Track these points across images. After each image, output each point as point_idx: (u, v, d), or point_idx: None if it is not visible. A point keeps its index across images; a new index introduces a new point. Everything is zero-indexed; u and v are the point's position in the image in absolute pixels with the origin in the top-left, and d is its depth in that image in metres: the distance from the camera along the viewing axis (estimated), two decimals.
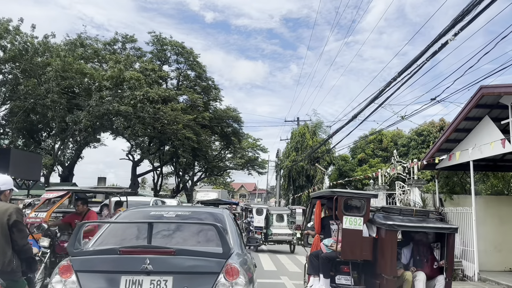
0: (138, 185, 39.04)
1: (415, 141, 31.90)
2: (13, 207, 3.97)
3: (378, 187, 15.87)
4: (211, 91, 38.41)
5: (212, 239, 4.16)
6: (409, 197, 12.60)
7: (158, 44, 36.35)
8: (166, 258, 3.66)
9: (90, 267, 3.72)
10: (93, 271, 3.71)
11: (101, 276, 3.68)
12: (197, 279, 3.69)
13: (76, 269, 3.65)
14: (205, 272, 3.70)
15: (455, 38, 8.06)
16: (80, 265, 3.69)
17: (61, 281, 3.66)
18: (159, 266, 3.62)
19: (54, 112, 26.92)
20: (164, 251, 3.71)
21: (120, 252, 3.66)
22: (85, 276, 3.65)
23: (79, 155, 34.12)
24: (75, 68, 25.86)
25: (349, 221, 6.39)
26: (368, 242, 6.38)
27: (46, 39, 28.56)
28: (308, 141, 32.78)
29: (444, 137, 10.76)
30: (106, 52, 32.08)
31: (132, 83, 26.77)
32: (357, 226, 6.37)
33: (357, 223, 6.37)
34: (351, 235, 6.34)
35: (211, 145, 44.83)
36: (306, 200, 31.24)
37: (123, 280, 3.62)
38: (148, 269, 3.58)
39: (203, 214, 5.08)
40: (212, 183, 66.17)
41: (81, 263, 3.71)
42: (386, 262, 6.01)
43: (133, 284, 3.61)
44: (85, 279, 3.64)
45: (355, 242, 6.33)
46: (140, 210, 5.43)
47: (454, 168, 11.95)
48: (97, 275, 3.69)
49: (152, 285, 3.61)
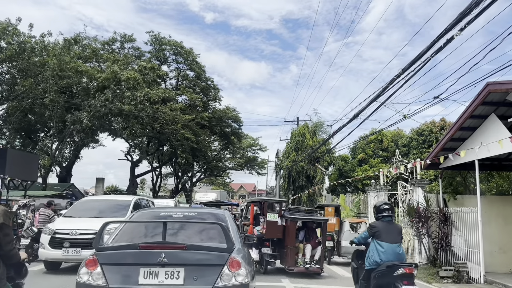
0: (137, 186, 38.78)
1: (415, 141, 31.68)
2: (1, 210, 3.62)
3: (380, 187, 15.60)
4: (210, 91, 38.17)
5: (216, 236, 4.72)
6: (412, 197, 12.34)
7: (156, 44, 36.09)
8: (178, 253, 4.21)
9: (113, 260, 4.26)
10: (116, 264, 4.24)
11: (123, 268, 4.23)
12: (205, 270, 4.25)
13: (101, 262, 4.19)
14: (212, 264, 4.26)
15: (461, 33, 7.81)
16: (104, 258, 4.23)
17: (88, 273, 4.18)
18: (172, 259, 4.17)
19: (51, 112, 26.66)
20: (177, 246, 4.26)
21: (139, 247, 4.20)
22: (109, 268, 4.18)
23: (77, 156, 33.83)
24: (71, 66, 25.54)
25: (270, 216, 10.71)
26: (280, 228, 10.87)
27: (42, 38, 28.34)
28: (308, 141, 32.47)
29: (448, 135, 10.49)
30: (105, 52, 31.81)
31: (131, 83, 26.46)
32: (275, 219, 10.78)
33: (275, 217, 10.82)
34: (271, 224, 10.71)
35: (210, 145, 44.57)
36: (306, 201, 30.98)
37: (142, 271, 4.16)
38: (163, 261, 4.13)
39: (206, 215, 5.79)
40: (212, 183, 65.92)
41: (105, 257, 4.25)
42: (289, 239, 10.62)
43: (151, 275, 4.15)
44: (109, 271, 4.16)
45: (273, 228, 10.70)
46: (150, 211, 6.26)
47: (458, 168, 11.69)
48: (119, 267, 4.23)
49: (166, 276, 4.17)
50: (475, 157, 9.55)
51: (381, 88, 10.30)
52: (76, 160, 34.61)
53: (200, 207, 15.39)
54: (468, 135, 10.22)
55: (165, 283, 4.15)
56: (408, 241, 12.99)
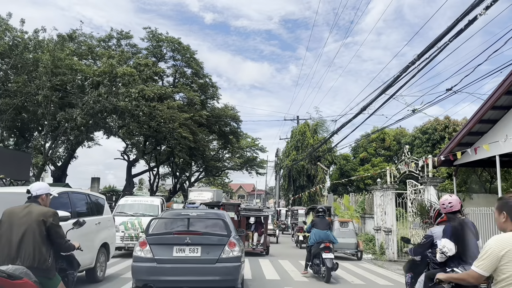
0: (133, 186, 37.89)
1: (419, 139, 30.85)
2: (50, 212, 4.39)
3: (387, 186, 14.79)
4: (208, 89, 37.30)
5: (219, 227, 7.21)
6: (423, 196, 11.52)
7: (153, 40, 35.23)
8: (197, 237, 6.75)
9: (157, 242, 6.76)
10: (158, 244, 6.73)
11: (163, 246, 6.73)
12: (213, 247, 6.75)
13: (149, 243, 6.70)
14: (218, 244, 6.79)
15: (486, 12, 7.00)
16: (151, 241, 6.75)
17: (141, 250, 6.67)
18: (193, 241, 6.69)
19: (45, 109, 25.81)
20: (196, 233, 6.83)
21: (173, 233, 6.83)
22: (154, 246, 6.67)
23: (72, 155, 32.96)
24: (65, 63, 24.67)
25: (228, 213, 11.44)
26: (236, 222, 13.88)
27: (36, 33, 27.51)
28: (309, 139, 31.71)
29: (466, 129, 9.69)
30: (101, 49, 30.96)
31: (126, 79, 25.61)
32: (232, 215, 13.55)
33: (233, 214, 14.34)
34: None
35: (209, 144, 43.73)
36: (307, 201, 30.21)
37: (174, 248, 6.69)
38: (188, 242, 6.66)
39: (211, 213, 8.74)
40: (210, 183, 65.06)
41: (152, 239, 6.78)
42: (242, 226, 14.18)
43: (180, 250, 6.68)
44: (154, 248, 6.65)
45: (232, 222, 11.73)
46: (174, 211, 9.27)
47: (474, 165, 10.91)
48: (160, 246, 6.72)
49: (190, 251, 6.69)
50: (497, 152, 8.75)
51: (392, 78, 9.50)
52: (72, 160, 33.76)
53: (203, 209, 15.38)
54: (487, 128, 9.43)
55: (189, 255, 6.69)
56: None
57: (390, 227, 14.61)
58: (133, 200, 15.31)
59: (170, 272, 6.55)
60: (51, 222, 4.27)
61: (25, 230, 4.12)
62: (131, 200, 15.28)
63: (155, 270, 6.51)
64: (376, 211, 15.88)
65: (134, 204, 14.72)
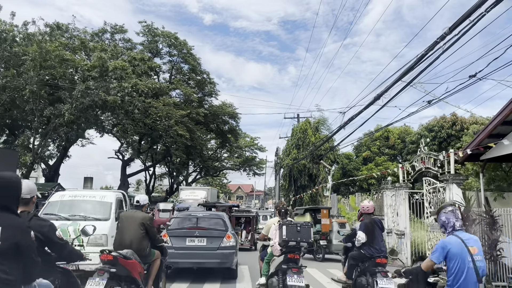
0: (128, 186, 36.55)
1: (425, 138, 29.60)
2: (148, 216, 6.28)
3: (400, 185, 13.54)
4: (206, 85, 36.02)
5: (219, 224, 9.87)
6: (444, 195, 10.28)
7: (149, 35, 34.00)
8: (203, 231, 9.51)
9: (175, 234, 9.46)
10: (175, 236, 9.42)
11: (179, 238, 9.40)
12: (215, 239, 9.42)
13: (169, 235, 9.39)
14: (218, 236, 9.47)
15: None
16: (170, 234, 9.47)
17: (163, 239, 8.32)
18: (201, 234, 9.45)
19: (33, 105, 24.53)
20: (203, 228, 9.60)
21: (186, 228, 9.62)
22: (173, 238, 9.35)
23: (65, 154, 31.66)
24: (55, 55, 23.34)
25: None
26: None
27: (25, 26, 26.27)
28: (311, 137, 30.42)
29: (500, 117, 8.42)
30: (94, 44, 29.65)
31: (118, 73, 24.29)
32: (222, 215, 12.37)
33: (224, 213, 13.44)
34: None
35: (206, 143, 42.48)
36: (308, 202, 28.94)
37: (187, 239, 9.40)
38: (197, 235, 9.42)
39: (214, 214, 11.39)
40: (208, 184, 63.78)
41: (171, 233, 9.52)
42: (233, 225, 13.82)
43: (191, 241, 9.37)
44: (172, 239, 9.31)
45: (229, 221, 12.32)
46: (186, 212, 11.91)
47: (502, 160, 9.65)
48: (177, 237, 9.41)
49: (198, 241, 9.36)
50: None
51: (415, 59, 8.24)
52: (65, 159, 32.47)
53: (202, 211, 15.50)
54: None
55: (198, 245, 9.23)
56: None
57: (403, 230, 13.36)
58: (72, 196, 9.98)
59: (184, 256, 9.09)
60: (149, 224, 6.10)
61: (133, 228, 5.97)
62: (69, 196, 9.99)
63: (174, 255, 8.61)
64: (387, 212, 14.63)
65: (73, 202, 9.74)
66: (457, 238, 3.88)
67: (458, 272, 3.74)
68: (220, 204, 19.95)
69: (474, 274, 3.75)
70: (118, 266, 5.20)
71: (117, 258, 5.24)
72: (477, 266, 3.77)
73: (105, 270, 5.10)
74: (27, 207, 3.75)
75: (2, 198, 2.95)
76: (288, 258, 6.39)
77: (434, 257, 3.91)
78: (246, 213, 19.40)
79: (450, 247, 3.81)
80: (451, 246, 3.82)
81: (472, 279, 3.74)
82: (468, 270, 3.75)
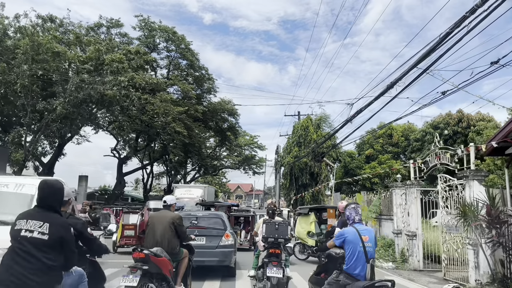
0: (125, 185, 35.62)
1: (430, 135, 28.71)
2: (177, 215, 6.54)
3: (411, 183, 12.62)
4: (204, 82, 35.07)
5: (218, 223, 10.08)
6: (464, 193, 9.38)
7: (146, 29, 33.05)
8: (203, 230, 9.58)
9: None
10: None
11: None
12: (214, 238, 9.52)
13: None
14: (217, 235, 9.59)
15: None
16: None
17: None
18: (200, 233, 9.40)
19: (25, 100, 23.61)
20: (202, 227, 9.68)
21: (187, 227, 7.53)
22: None
23: (60, 151, 30.73)
24: (47, 47, 22.39)
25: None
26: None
27: (17, 19, 25.36)
28: (312, 134, 29.50)
29: None
30: (88, 38, 28.69)
31: (115, 66, 23.35)
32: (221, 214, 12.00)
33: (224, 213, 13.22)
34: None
35: (205, 141, 41.56)
36: (310, 201, 28.04)
37: None
38: (196, 234, 8.83)
39: (213, 214, 11.50)
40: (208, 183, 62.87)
41: None
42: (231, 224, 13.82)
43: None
44: None
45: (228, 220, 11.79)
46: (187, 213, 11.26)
47: None
48: None
49: (198, 240, 8.87)
50: None
51: (437, 38, 7.32)
52: (60, 157, 31.54)
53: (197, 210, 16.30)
54: None
55: (198, 243, 8.54)
56: (455, 250, 10.06)
57: (415, 231, 12.46)
58: None
59: None
60: (178, 223, 6.32)
61: (163, 227, 6.20)
62: None
63: None
64: (396, 211, 13.73)
65: None
66: (354, 229, 4.98)
67: (351, 254, 4.82)
68: (219, 203, 19.49)
69: (364, 256, 4.80)
70: (149, 264, 5.40)
71: (148, 256, 5.45)
72: (366, 251, 4.81)
73: (137, 267, 5.31)
74: (65, 208, 4.39)
75: (49, 200, 3.61)
76: (270, 252, 7.23)
77: (336, 241, 5.09)
78: (245, 213, 18.74)
79: (347, 236, 4.92)
80: (347, 235, 4.93)
81: (362, 259, 4.79)
82: (359, 253, 4.80)
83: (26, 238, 3.39)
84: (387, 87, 9.63)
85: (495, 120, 28.01)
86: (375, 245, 5.01)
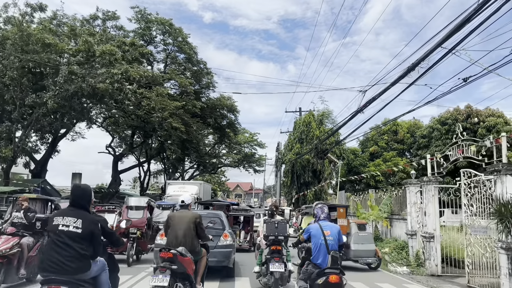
0: (120, 183, 34.44)
1: (438, 131, 27.61)
2: (197, 215, 6.67)
3: (428, 179, 11.50)
4: (203, 76, 33.85)
5: (218, 223, 9.61)
6: (495, 190, 8.27)
7: (142, 21, 31.86)
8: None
9: None
10: None
11: None
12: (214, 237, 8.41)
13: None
14: (216, 235, 8.97)
15: None
16: None
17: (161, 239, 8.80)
18: None
19: (13, 93, 22.44)
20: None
21: None
22: None
23: (53, 148, 29.55)
24: (36, 38, 21.22)
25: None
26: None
27: (6, 8, 24.19)
28: (315, 131, 28.36)
29: None
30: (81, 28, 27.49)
31: (107, 59, 22.17)
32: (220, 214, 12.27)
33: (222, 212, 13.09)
34: None
35: (203, 138, 40.40)
36: (312, 200, 26.90)
37: None
38: None
39: (212, 213, 11.10)
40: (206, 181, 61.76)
41: None
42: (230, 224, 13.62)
43: None
44: None
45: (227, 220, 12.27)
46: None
47: None
48: None
49: None
50: None
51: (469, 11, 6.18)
52: (54, 154, 30.36)
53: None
54: None
55: None
56: (483, 254, 8.94)
57: (432, 232, 11.33)
58: None
59: None
60: (198, 222, 6.51)
61: (184, 227, 6.34)
62: None
63: None
64: (410, 211, 12.61)
65: None
66: (317, 225, 5.82)
67: (315, 246, 5.69)
68: (217, 202, 18.85)
69: (325, 248, 5.60)
70: (177, 263, 5.57)
71: (176, 256, 5.61)
72: (328, 243, 5.61)
73: (166, 267, 5.49)
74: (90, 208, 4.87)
75: (81, 200, 4.36)
76: (272, 249, 7.91)
77: (304, 235, 6.01)
78: (245, 212, 18.22)
79: (312, 231, 5.83)
80: (312, 230, 5.83)
81: (324, 251, 5.59)
82: (321, 245, 5.63)
83: (63, 231, 4.02)
84: (408, 69, 8.50)
85: (505, 116, 26.97)
86: (337, 239, 5.73)
